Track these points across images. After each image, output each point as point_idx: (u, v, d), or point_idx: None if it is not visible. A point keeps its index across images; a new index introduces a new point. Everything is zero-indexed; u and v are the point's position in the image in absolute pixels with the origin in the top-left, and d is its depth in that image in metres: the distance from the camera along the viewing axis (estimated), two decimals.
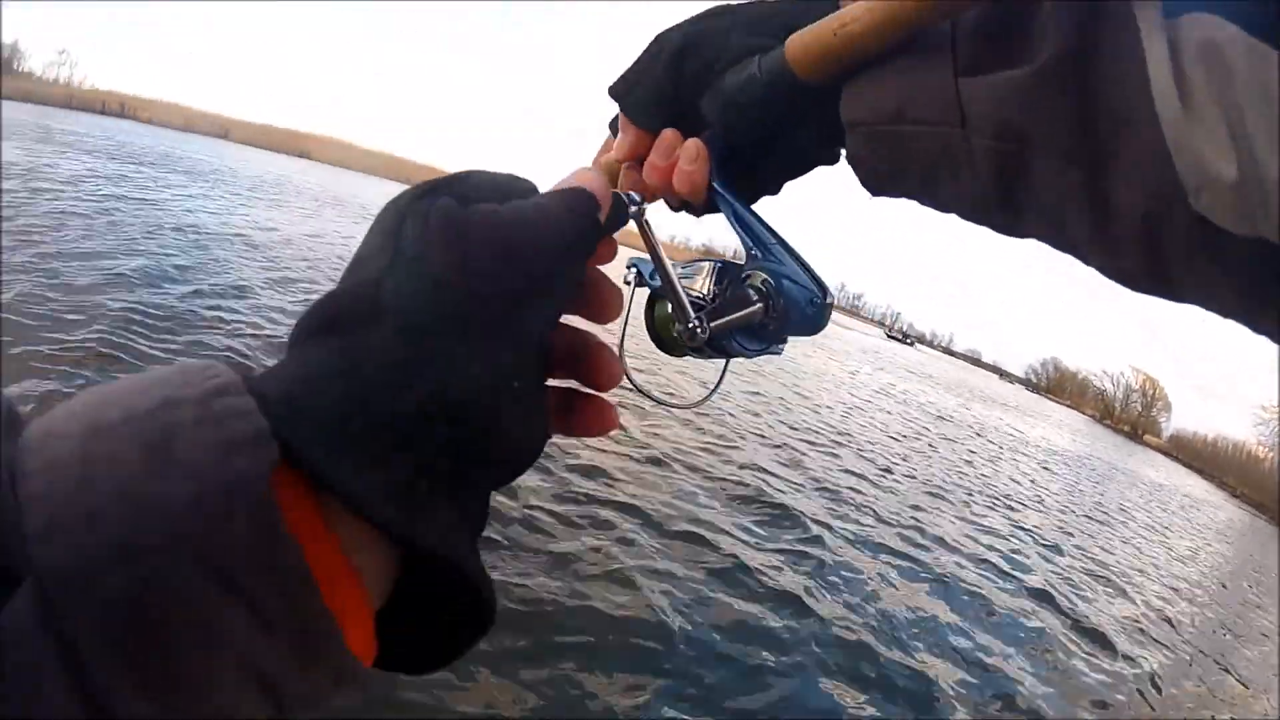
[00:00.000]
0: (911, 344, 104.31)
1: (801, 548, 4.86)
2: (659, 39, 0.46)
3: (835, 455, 8.30)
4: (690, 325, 0.46)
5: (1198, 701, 5.22)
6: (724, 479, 5.77)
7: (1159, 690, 4.99)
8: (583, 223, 0.36)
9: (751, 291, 0.47)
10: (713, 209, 0.50)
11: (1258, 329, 0.34)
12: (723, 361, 0.52)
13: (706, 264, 0.51)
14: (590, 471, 4.93)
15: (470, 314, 0.30)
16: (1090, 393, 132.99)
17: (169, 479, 0.23)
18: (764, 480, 6.06)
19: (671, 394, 6.96)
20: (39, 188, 10.49)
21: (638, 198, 0.43)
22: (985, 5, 0.36)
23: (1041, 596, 5.75)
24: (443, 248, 0.30)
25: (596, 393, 0.40)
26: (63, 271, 6.22)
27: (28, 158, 13.98)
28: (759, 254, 0.48)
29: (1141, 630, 6.14)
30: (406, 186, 0.35)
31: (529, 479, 4.26)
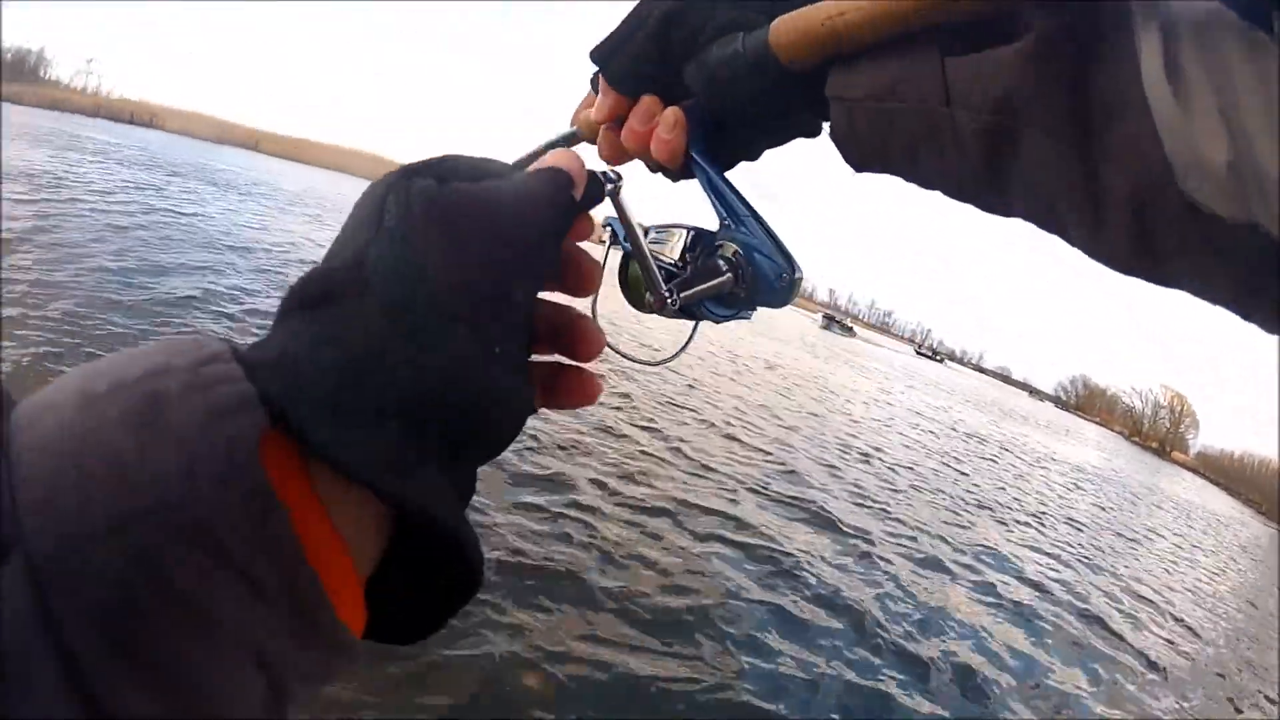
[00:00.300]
0: (941, 360, 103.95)
1: (842, 556, 5.13)
2: (643, 5, 0.46)
3: (868, 464, 8.55)
4: (662, 295, 0.47)
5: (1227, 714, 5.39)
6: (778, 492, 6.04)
7: (1187, 701, 5.18)
8: (559, 200, 0.37)
9: (722, 262, 0.47)
10: (689, 175, 0.50)
11: (1248, 317, 0.34)
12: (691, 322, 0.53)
13: (680, 230, 0.51)
14: (636, 476, 5.25)
15: (453, 289, 0.31)
16: (1119, 409, 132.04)
17: (158, 447, 0.22)
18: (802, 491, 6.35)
19: (649, 349, 7.21)
20: (115, 206, 10.95)
21: (614, 175, 0.44)
22: (974, 7, 0.36)
23: (1075, 611, 5.95)
24: (425, 225, 0.31)
25: (579, 364, 0.41)
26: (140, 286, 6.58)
27: (105, 176, 14.42)
28: (731, 224, 0.48)
29: (1170, 643, 6.30)
30: None
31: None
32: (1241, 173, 0.29)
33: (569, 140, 0.54)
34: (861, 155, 0.43)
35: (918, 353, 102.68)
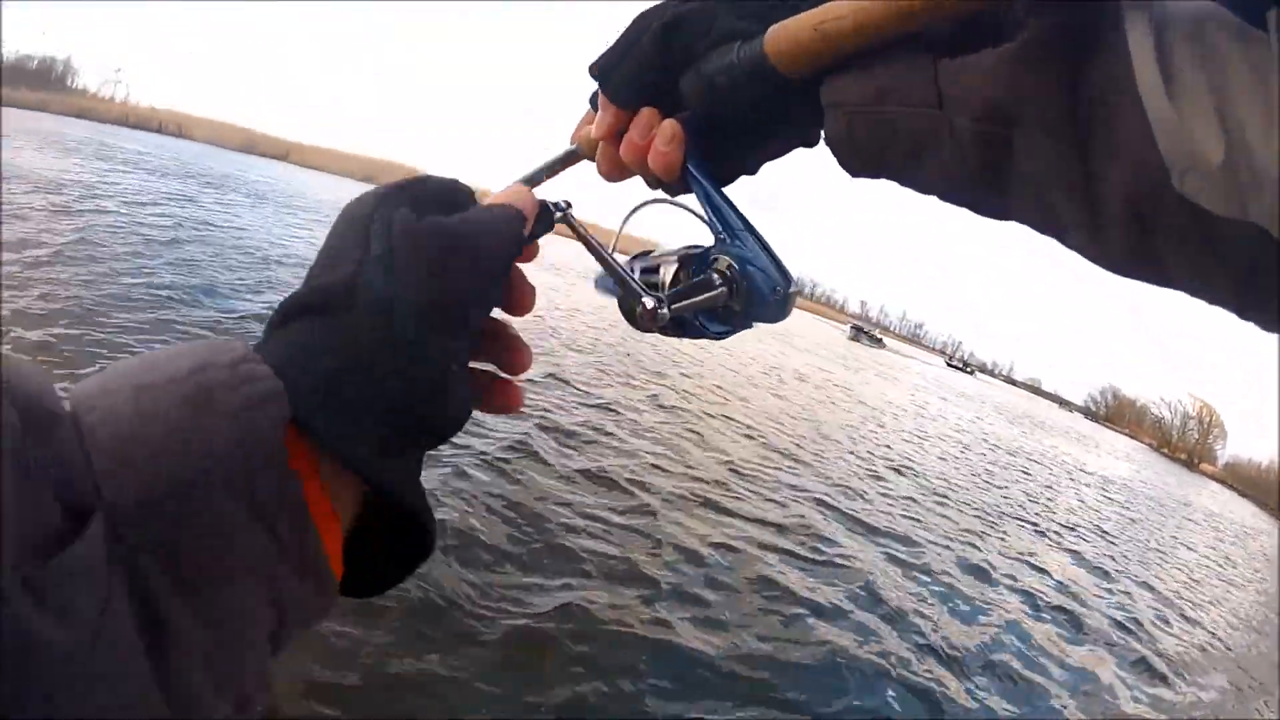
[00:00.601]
0: (972, 373, 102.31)
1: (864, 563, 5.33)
2: (641, 18, 0.46)
3: (900, 476, 8.66)
4: (651, 306, 0.46)
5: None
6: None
7: (1213, 705, 5.28)
8: (513, 234, 0.42)
9: (715, 275, 0.47)
10: (687, 189, 0.50)
11: (1245, 315, 0.34)
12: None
13: (671, 260, 0.52)
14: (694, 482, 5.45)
15: (427, 311, 0.36)
16: (1148, 421, 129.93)
17: (211, 426, 0.28)
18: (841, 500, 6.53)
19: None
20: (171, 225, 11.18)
21: (564, 204, 0.48)
22: (963, 9, 0.35)
23: (1107, 622, 6.07)
24: (404, 255, 0.36)
25: (508, 376, 0.45)
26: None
27: (171, 187, 14.33)
28: (726, 238, 0.48)
29: (1203, 650, 6.39)
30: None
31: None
32: (1238, 171, 0.29)
33: (568, 159, 0.55)
34: (858, 161, 0.43)
35: (948, 364, 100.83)
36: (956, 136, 0.37)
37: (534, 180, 0.56)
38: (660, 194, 0.53)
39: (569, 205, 0.48)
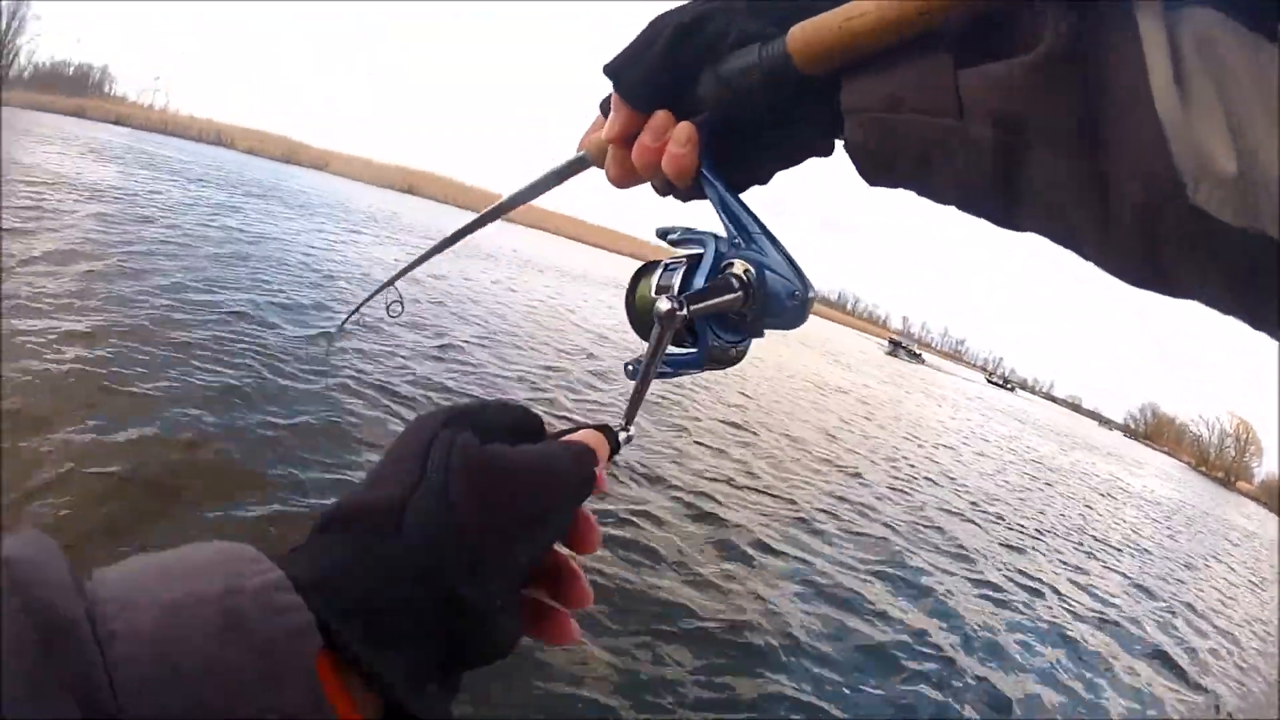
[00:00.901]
0: (1012, 389, 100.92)
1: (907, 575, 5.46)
2: (658, 20, 0.46)
3: (937, 488, 8.80)
4: (668, 308, 0.45)
5: None
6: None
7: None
8: (583, 476, 0.41)
9: (733, 279, 0.47)
10: (699, 195, 0.50)
11: (1257, 325, 0.33)
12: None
13: (684, 261, 0.51)
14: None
15: (477, 541, 0.35)
16: (1187, 438, 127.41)
17: (241, 656, 0.27)
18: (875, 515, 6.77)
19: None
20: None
21: (628, 428, 0.47)
22: (987, 6, 0.35)
23: (1148, 645, 6.08)
24: (463, 482, 0.36)
25: (562, 608, 0.44)
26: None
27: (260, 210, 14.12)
28: (742, 242, 0.48)
29: (1240, 668, 6.45)
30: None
31: None
32: (1248, 181, 0.29)
33: (576, 166, 0.55)
34: (875, 167, 0.43)
35: (988, 381, 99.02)
36: (973, 145, 0.37)
37: (542, 188, 0.57)
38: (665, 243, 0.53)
39: (628, 425, 0.48)
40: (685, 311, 0.45)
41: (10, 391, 3.83)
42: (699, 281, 0.48)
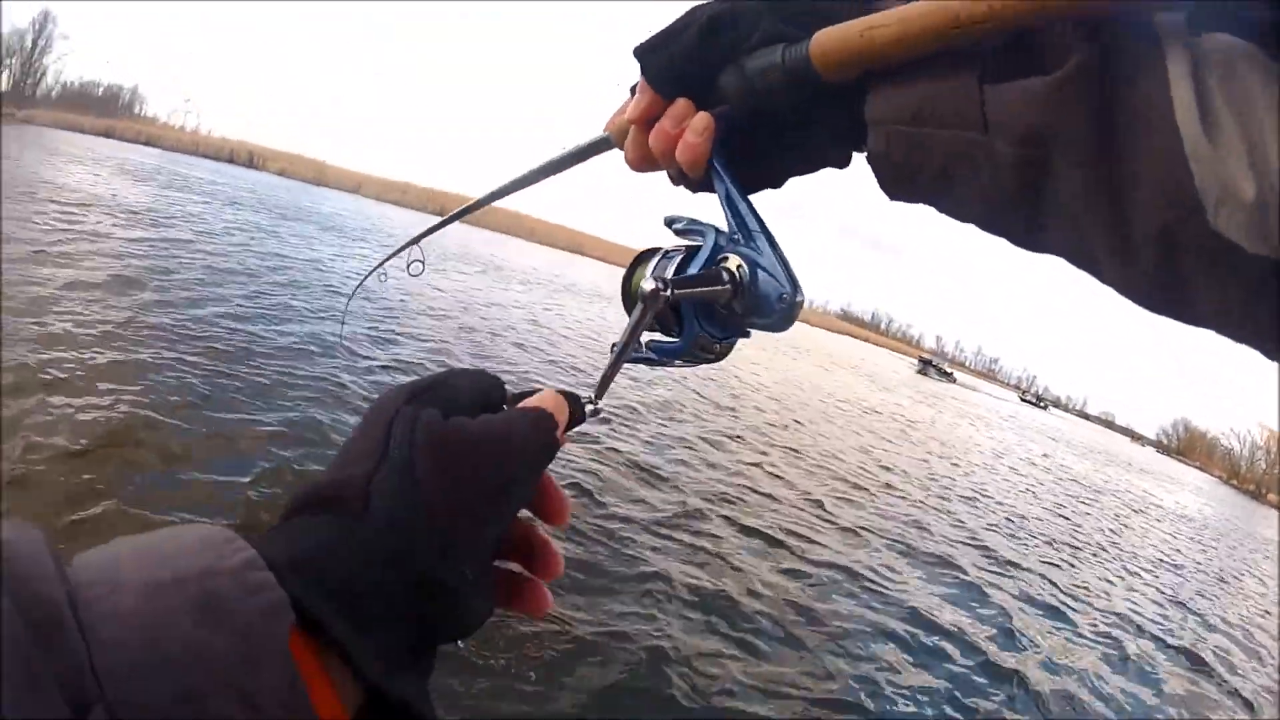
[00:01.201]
0: (1045, 407, 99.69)
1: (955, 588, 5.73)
2: (693, 10, 0.46)
3: (973, 506, 9.16)
4: (652, 288, 0.46)
5: None
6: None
7: None
8: (544, 441, 0.41)
9: (724, 272, 0.47)
10: (709, 187, 0.50)
11: (1271, 355, 0.33)
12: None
13: (683, 250, 0.52)
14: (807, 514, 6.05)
15: (447, 525, 0.35)
16: (1218, 453, 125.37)
17: (219, 636, 0.27)
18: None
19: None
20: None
21: (593, 399, 0.47)
22: (1008, 29, 0.35)
23: (1184, 654, 6.23)
24: (428, 459, 0.36)
25: (536, 578, 0.44)
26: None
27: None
28: (741, 238, 0.48)
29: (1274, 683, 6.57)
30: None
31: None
32: (1268, 207, 0.29)
33: (598, 146, 0.57)
34: (897, 179, 0.43)
35: (1021, 399, 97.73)
36: (998, 159, 0.37)
37: (562, 165, 0.59)
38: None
39: (597, 399, 0.47)
40: (669, 293, 0.46)
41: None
42: (694, 271, 0.49)
